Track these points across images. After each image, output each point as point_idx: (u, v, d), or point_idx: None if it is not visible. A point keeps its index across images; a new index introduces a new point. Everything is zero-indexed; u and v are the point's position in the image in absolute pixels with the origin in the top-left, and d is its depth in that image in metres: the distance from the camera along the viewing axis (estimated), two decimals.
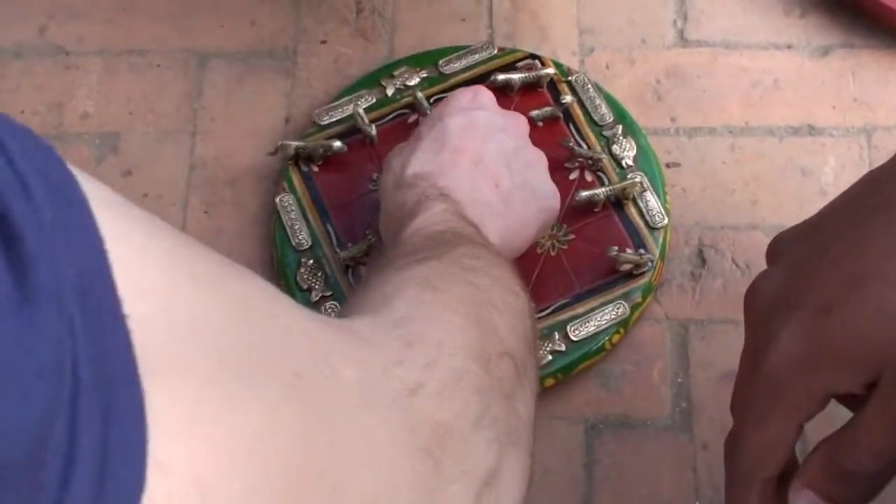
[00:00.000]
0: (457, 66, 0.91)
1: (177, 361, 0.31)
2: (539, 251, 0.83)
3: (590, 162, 0.86)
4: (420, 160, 0.69)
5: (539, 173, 0.76)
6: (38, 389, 0.26)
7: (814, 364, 0.48)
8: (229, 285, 0.36)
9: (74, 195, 0.30)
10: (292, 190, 0.86)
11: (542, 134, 0.87)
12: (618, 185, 0.84)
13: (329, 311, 0.81)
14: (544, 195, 0.75)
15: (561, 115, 0.88)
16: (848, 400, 0.52)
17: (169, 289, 0.32)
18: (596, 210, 0.84)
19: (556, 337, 0.80)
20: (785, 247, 0.52)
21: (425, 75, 0.91)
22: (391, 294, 0.49)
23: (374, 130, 0.88)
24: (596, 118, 0.88)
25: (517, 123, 0.77)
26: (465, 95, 0.75)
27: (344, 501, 0.36)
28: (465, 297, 0.51)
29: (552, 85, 0.89)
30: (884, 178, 0.49)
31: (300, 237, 0.84)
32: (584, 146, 0.87)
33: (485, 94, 0.76)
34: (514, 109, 0.87)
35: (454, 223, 0.62)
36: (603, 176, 0.85)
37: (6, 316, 0.25)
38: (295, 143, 0.87)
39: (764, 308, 0.51)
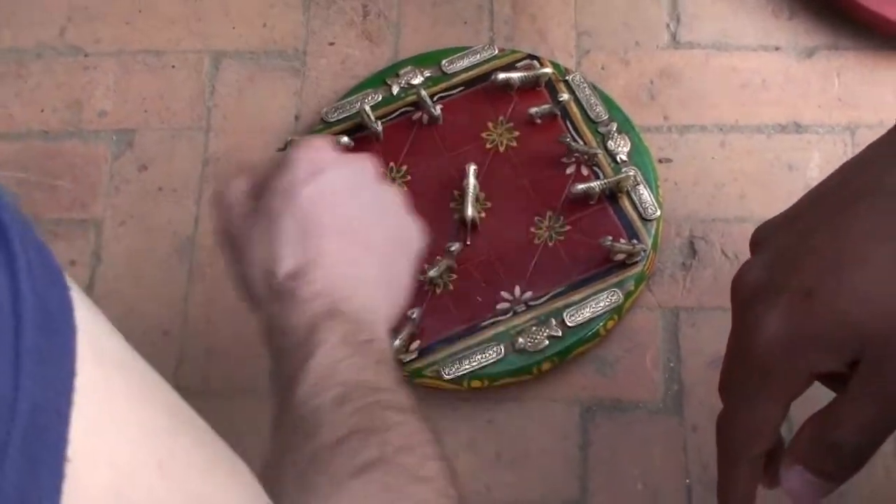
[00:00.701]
0: (459, 65, 0.91)
1: None
2: (537, 242, 0.83)
3: (586, 157, 0.86)
4: (288, 254, 0.60)
5: (398, 213, 0.68)
6: None
7: (798, 345, 0.48)
8: (198, 480, 0.35)
9: (64, 328, 0.29)
10: None
11: (540, 131, 0.87)
12: (612, 179, 0.84)
13: None
14: (410, 238, 0.68)
15: (558, 112, 0.88)
16: (830, 380, 0.52)
17: (130, 464, 0.31)
18: (591, 203, 0.84)
19: (553, 323, 0.80)
20: (767, 236, 0.53)
21: (429, 74, 0.90)
22: None
23: (380, 127, 0.88)
24: (592, 116, 0.88)
25: (364, 167, 0.67)
26: (303, 161, 0.64)
27: None
28: None
29: (550, 84, 0.89)
30: (856, 169, 0.50)
31: None
32: (581, 142, 0.86)
33: (322, 150, 0.66)
34: (514, 107, 0.88)
35: (358, 364, 0.56)
36: (598, 170, 0.85)
37: None
38: (304, 139, 0.86)
39: (749, 294, 0.51)
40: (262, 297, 0.61)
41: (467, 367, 0.79)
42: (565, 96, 0.88)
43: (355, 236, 0.63)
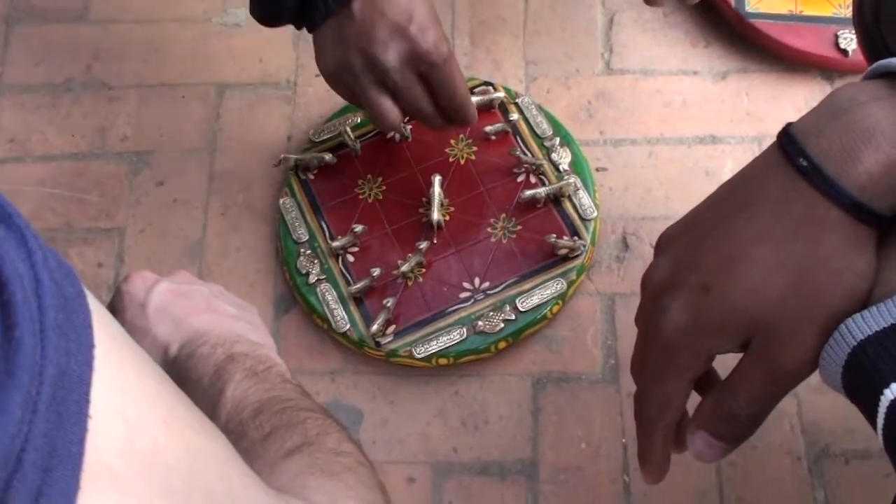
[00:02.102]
0: None
1: (122, 477, 0.30)
2: (493, 240, 0.84)
3: (533, 167, 0.87)
4: (173, 341, 0.62)
5: (230, 297, 0.70)
6: None
7: (698, 331, 0.48)
8: (195, 437, 0.36)
9: (81, 310, 0.30)
10: (293, 194, 0.87)
11: (494, 145, 0.88)
12: (556, 186, 0.85)
13: (324, 292, 0.82)
14: (246, 305, 0.70)
15: (510, 130, 0.89)
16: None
17: (139, 420, 0.32)
18: (538, 206, 0.85)
19: (507, 308, 0.81)
20: (669, 240, 0.52)
21: None
22: (296, 479, 0.48)
23: (358, 145, 0.88)
24: (538, 132, 0.89)
25: (183, 272, 0.71)
26: (133, 285, 0.66)
27: None
28: (353, 485, 0.50)
29: (503, 106, 0.90)
30: (742, 182, 0.49)
31: (299, 232, 0.85)
32: (529, 155, 0.87)
33: (142, 274, 0.67)
34: (472, 127, 0.88)
35: (264, 387, 0.57)
36: (544, 178, 0.86)
37: None
38: (294, 157, 0.88)
39: (656, 290, 0.50)
40: (171, 360, 0.63)
41: (435, 347, 0.80)
42: (515, 116, 0.89)
43: (212, 308, 0.65)
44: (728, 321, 0.47)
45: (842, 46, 0.90)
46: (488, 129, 0.88)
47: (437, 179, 0.84)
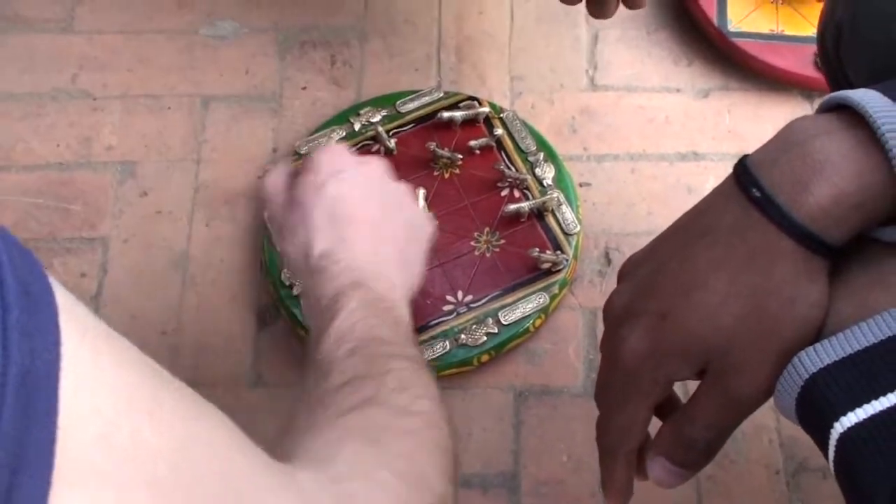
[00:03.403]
0: (411, 106, 0.92)
1: (99, 471, 0.30)
2: (476, 253, 0.84)
3: (517, 182, 0.87)
4: (320, 238, 0.63)
5: (410, 207, 0.70)
6: None
7: (657, 358, 0.48)
8: (186, 425, 0.35)
9: (46, 308, 0.30)
10: None
11: (479, 160, 0.89)
12: (540, 200, 0.85)
13: None
14: (421, 228, 0.70)
15: (494, 144, 0.89)
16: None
17: (116, 414, 0.31)
18: (522, 220, 0.85)
19: (490, 322, 0.81)
20: (632, 268, 0.52)
21: (385, 113, 0.92)
22: (334, 444, 0.48)
23: None
24: (522, 147, 0.89)
25: (377, 166, 0.69)
26: (326, 162, 0.66)
27: None
28: (402, 452, 0.49)
29: (487, 121, 0.91)
30: (704, 209, 0.49)
31: None
32: (513, 169, 0.88)
33: (342, 153, 0.68)
34: (457, 141, 0.89)
35: (371, 320, 0.58)
36: (528, 193, 0.87)
37: None
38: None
39: (617, 316, 0.50)
40: (301, 272, 0.64)
41: None
42: (500, 131, 0.90)
43: (374, 225, 0.65)
44: (685, 348, 0.47)
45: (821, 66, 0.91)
46: (473, 143, 0.88)
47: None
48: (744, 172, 0.46)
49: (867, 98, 0.44)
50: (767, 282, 0.45)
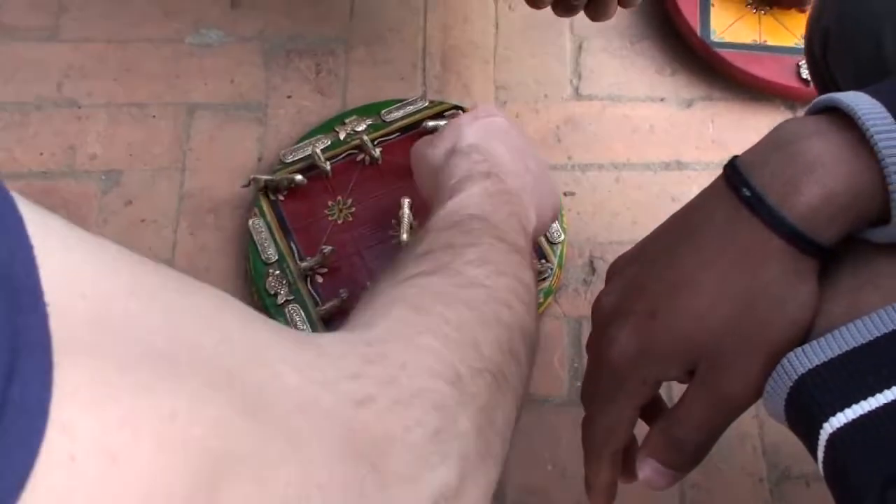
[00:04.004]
0: (396, 115, 0.92)
1: (96, 347, 0.29)
2: None
3: None
4: (473, 136, 0.66)
5: (546, 171, 0.71)
6: None
7: (645, 358, 0.48)
8: (174, 299, 0.34)
9: (9, 213, 0.29)
10: (262, 215, 0.87)
11: None
12: None
13: (292, 312, 0.82)
14: (553, 189, 0.70)
15: None
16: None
17: (99, 294, 0.31)
18: None
19: None
20: (620, 267, 0.52)
21: (370, 122, 0.92)
22: (378, 312, 0.47)
23: (328, 167, 0.89)
24: None
25: (521, 130, 0.73)
26: (480, 109, 0.71)
27: (267, 489, 0.34)
28: (450, 319, 0.47)
29: None
30: (693, 209, 0.50)
31: (268, 252, 0.85)
32: None
33: (491, 108, 0.72)
34: None
35: (487, 206, 0.57)
36: None
37: None
38: (265, 177, 0.88)
39: (605, 317, 0.50)
40: (434, 169, 0.65)
41: None
42: None
43: (520, 152, 0.67)
44: (673, 348, 0.47)
45: (803, 76, 0.92)
46: None
47: (406, 202, 0.85)
48: (734, 172, 0.47)
49: (856, 100, 0.44)
50: (757, 282, 0.45)
